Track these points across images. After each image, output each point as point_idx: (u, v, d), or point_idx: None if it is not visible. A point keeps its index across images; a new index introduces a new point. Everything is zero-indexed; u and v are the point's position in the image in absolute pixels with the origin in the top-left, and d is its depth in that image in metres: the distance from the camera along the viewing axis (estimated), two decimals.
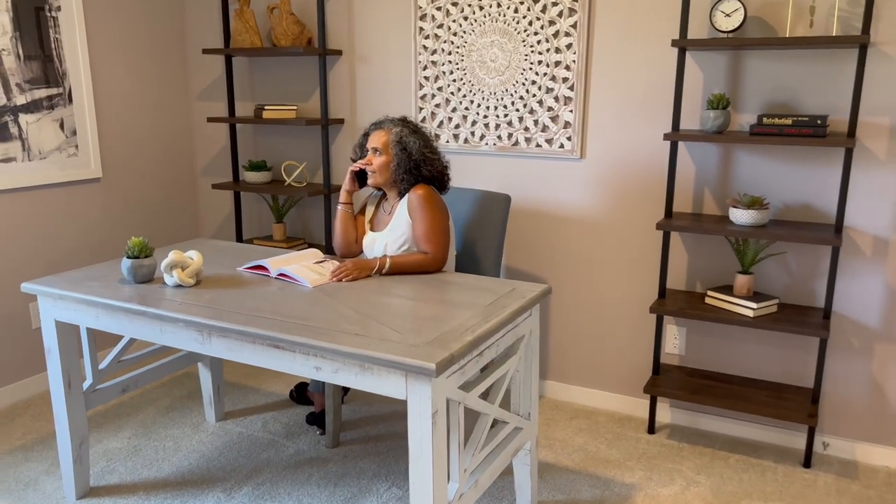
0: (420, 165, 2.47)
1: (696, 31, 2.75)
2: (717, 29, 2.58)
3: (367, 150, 2.51)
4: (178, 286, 2.26)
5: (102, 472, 2.67)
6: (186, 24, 3.82)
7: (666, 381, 2.87)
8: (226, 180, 3.91)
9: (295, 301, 2.11)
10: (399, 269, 2.41)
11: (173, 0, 3.75)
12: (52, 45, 3.17)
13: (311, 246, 3.68)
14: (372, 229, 2.63)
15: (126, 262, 2.27)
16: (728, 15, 2.56)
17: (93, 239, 3.48)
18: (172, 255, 2.24)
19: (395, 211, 2.54)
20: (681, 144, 2.85)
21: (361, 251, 2.66)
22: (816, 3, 2.55)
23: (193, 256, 2.28)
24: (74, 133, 3.31)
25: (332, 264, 2.44)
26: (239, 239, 3.80)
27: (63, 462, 2.48)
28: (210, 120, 3.54)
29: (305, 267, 2.38)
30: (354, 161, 2.62)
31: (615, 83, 2.92)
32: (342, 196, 2.62)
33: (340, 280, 2.32)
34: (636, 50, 2.86)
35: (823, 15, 2.55)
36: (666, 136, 2.62)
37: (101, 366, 2.57)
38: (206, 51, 3.49)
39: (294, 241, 3.58)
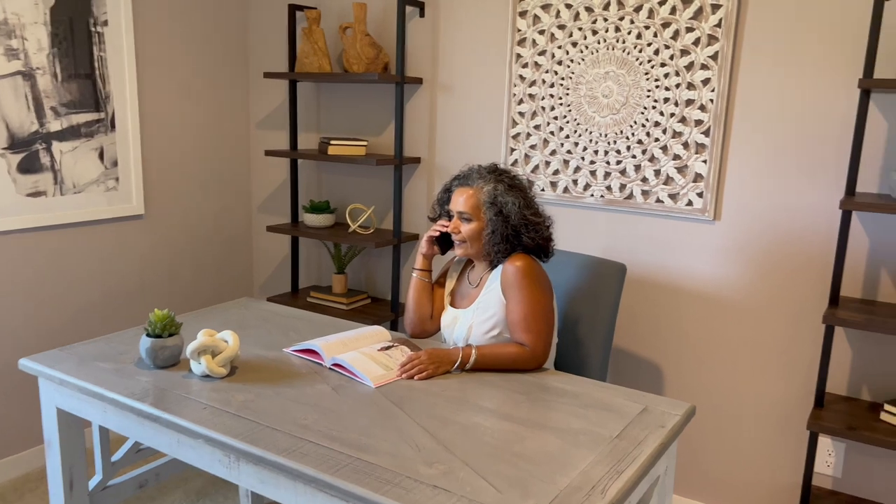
0: (520, 232, 1.92)
1: (884, 68, 2.13)
2: None
3: (451, 212, 1.98)
4: (207, 376, 1.76)
5: None
6: (249, 43, 3.40)
7: None
8: (283, 222, 3.45)
9: (352, 411, 1.59)
10: (488, 363, 1.86)
11: (236, 17, 3.34)
12: (95, 65, 2.78)
13: (374, 301, 3.17)
14: (453, 304, 2.09)
15: (146, 342, 1.80)
16: None
17: (130, 285, 3.05)
18: (202, 338, 1.75)
19: (484, 284, 2.00)
20: (854, 212, 2.22)
21: (438, 330, 2.12)
22: None
23: (228, 339, 1.78)
24: (115, 164, 2.90)
25: (401, 352, 1.91)
26: (294, 289, 3.32)
27: None
28: (268, 153, 3.08)
29: (367, 356, 1.85)
30: (433, 220, 2.09)
31: (764, 129, 2.32)
32: (418, 261, 2.10)
33: (411, 377, 1.79)
34: (794, 89, 2.25)
35: None
36: (842, 204, 2.00)
37: (115, 457, 2.10)
38: (267, 74, 3.04)
39: (356, 296, 3.08)
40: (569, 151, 2.67)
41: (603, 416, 1.62)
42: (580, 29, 2.57)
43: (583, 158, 2.64)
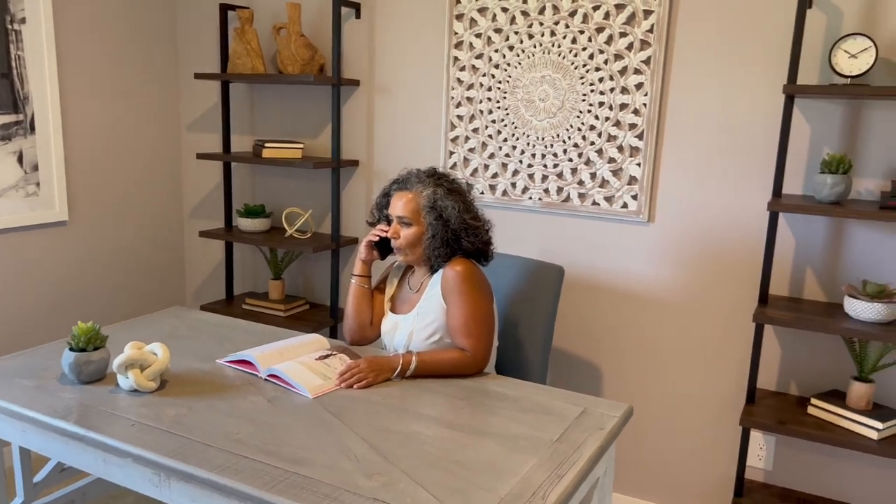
0: (460, 237, 1.91)
1: (806, 74, 2.20)
2: (837, 73, 2.03)
3: (390, 216, 1.95)
4: (136, 391, 1.69)
5: None
6: (178, 43, 3.29)
7: None
8: (217, 227, 3.35)
9: (289, 424, 1.54)
10: (428, 369, 1.84)
11: (163, 15, 3.23)
12: (13, 64, 2.64)
13: (313, 306, 3.11)
14: (393, 310, 2.07)
15: (69, 357, 1.71)
16: (853, 56, 2.01)
17: (53, 296, 2.91)
18: (129, 351, 1.68)
19: (424, 289, 1.98)
20: (781, 213, 2.29)
21: (378, 336, 2.09)
22: None
23: (157, 352, 1.71)
24: (36, 168, 2.76)
25: (340, 360, 1.87)
26: (229, 296, 3.23)
27: None
28: (200, 156, 2.99)
29: (304, 365, 1.81)
30: (372, 225, 2.06)
31: (696, 133, 2.37)
32: (357, 267, 2.06)
33: (350, 386, 1.75)
34: (723, 94, 2.31)
35: None
36: (770, 206, 2.06)
37: (38, 478, 1.99)
38: (198, 75, 2.95)
39: (294, 302, 3.01)
40: (507, 155, 2.67)
41: (543, 419, 1.62)
42: (516, 33, 2.58)
43: (521, 162, 2.65)
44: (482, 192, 2.74)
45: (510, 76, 2.62)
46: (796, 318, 2.08)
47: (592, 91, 2.49)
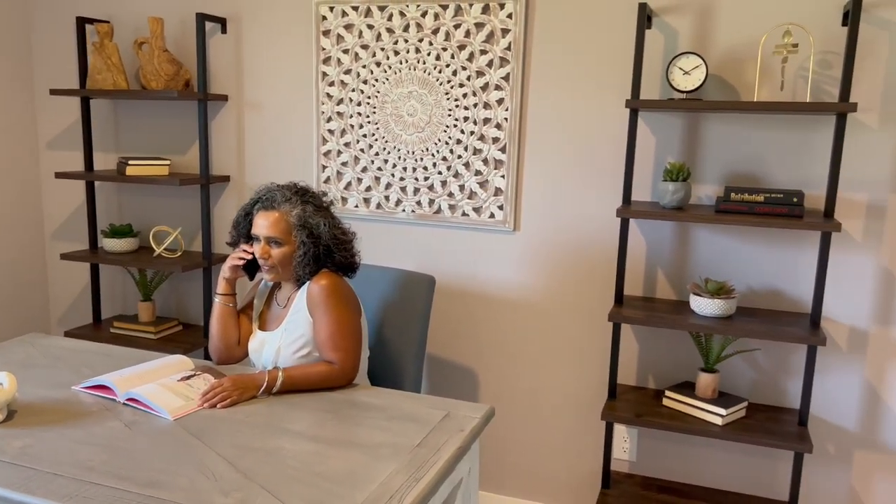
0: (332, 251, 1.93)
1: (651, 89, 2.38)
2: (673, 88, 2.21)
3: (256, 236, 1.93)
4: None
5: None
6: (33, 57, 3.14)
7: (618, 496, 2.41)
8: (81, 248, 3.20)
9: (145, 448, 1.51)
10: (296, 385, 1.84)
11: (16, 28, 3.07)
12: None
13: (186, 327, 3.03)
14: (263, 328, 2.05)
15: None
16: (687, 73, 2.20)
17: None
18: None
19: (291, 304, 1.98)
20: (632, 219, 2.45)
21: (246, 356, 2.07)
22: (787, 64, 2.23)
23: (3, 382, 1.63)
24: None
25: (203, 381, 1.84)
26: (97, 320, 3.09)
27: None
28: (59, 175, 2.85)
29: (166, 387, 1.77)
30: (232, 245, 2.04)
31: (554, 146, 2.50)
32: (220, 286, 2.03)
33: (214, 406, 1.73)
34: (578, 109, 2.45)
35: (791, 77, 2.23)
36: (619, 212, 2.21)
37: None
38: (54, 91, 2.82)
39: (165, 324, 2.92)
40: (379, 168, 2.72)
41: (406, 426, 1.66)
42: (383, 49, 2.63)
43: (393, 175, 2.71)
44: (356, 206, 2.77)
45: (378, 91, 2.67)
46: (648, 316, 2.23)
47: (457, 106, 2.58)
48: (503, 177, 2.56)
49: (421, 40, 2.58)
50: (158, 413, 1.68)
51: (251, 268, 2.04)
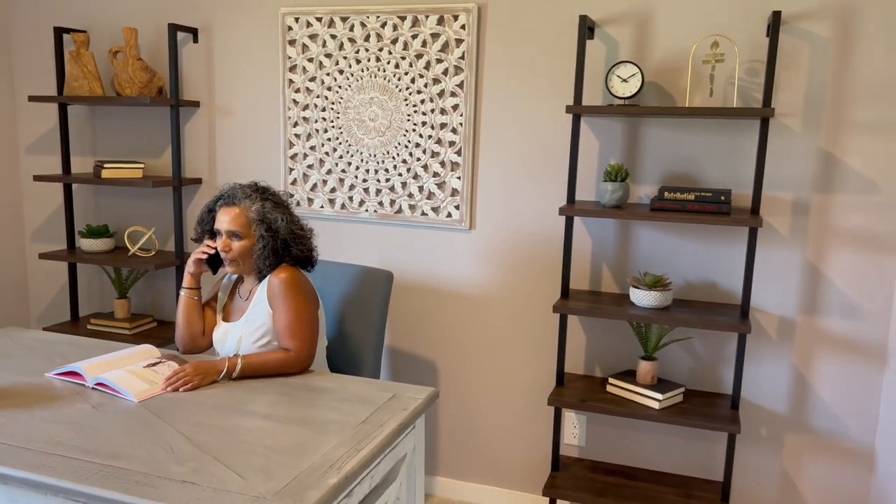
0: (289, 245, 2.07)
1: (593, 95, 2.54)
2: (613, 94, 2.37)
3: (218, 231, 2.08)
4: None
5: None
6: (13, 65, 3.27)
7: (567, 478, 2.56)
8: (59, 248, 3.33)
9: (110, 426, 1.64)
10: (255, 370, 1.98)
11: None
12: None
13: (161, 323, 3.16)
14: (226, 319, 2.19)
15: None
16: (625, 80, 2.36)
17: None
18: None
19: (252, 297, 2.12)
20: (577, 217, 2.61)
21: (210, 346, 2.21)
22: (716, 72, 2.40)
23: None
24: None
25: (168, 367, 1.98)
26: (74, 318, 3.22)
27: None
28: (37, 178, 2.98)
29: (132, 373, 1.90)
30: (197, 241, 2.18)
31: (506, 149, 2.66)
32: (186, 280, 2.17)
33: (176, 390, 1.87)
34: (528, 114, 2.61)
35: (722, 84, 2.39)
36: (562, 211, 2.36)
37: None
38: (32, 98, 2.95)
39: (140, 320, 3.05)
40: (343, 170, 2.86)
41: (354, 406, 1.80)
42: (345, 58, 2.78)
43: (356, 177, 2.85)
44: (322, 206, 2.91)
45: (342, 98, 2.82)
46: (590, 307, 2.39)
47: (416, 112, 2.73)
48: (459, 178, 2.71)
49: (381, 49, 2.73)
50: (124, 396, 1.81)
51: (214, 263, 2.18)
